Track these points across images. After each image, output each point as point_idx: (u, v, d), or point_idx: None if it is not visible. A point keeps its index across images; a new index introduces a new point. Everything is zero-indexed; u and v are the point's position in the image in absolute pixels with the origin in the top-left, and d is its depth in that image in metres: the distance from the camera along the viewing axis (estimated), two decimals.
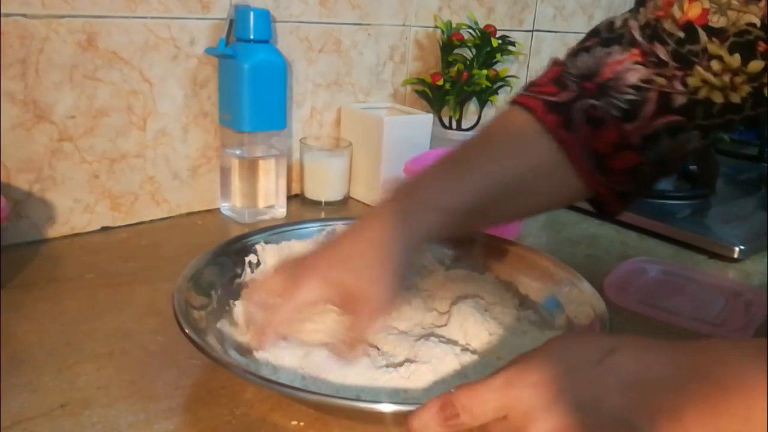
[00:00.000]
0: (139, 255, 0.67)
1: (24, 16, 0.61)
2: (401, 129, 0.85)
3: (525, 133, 0.50)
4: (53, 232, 0.69)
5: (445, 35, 0.94)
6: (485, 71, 0.92)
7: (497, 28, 0.95)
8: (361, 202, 0.88)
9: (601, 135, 0.49)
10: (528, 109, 0.50)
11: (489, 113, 1.11)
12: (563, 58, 0.53)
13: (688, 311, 0.62)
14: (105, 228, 0.72)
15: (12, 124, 0.63)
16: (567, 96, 0.49)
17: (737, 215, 0.89)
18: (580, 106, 0.49)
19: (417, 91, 0.95)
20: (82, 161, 0.69)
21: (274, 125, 0.76)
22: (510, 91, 1.11)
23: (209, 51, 0.74)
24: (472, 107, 0.99)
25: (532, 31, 1.15)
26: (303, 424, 0.43)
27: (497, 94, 0.97)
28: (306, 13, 0.82)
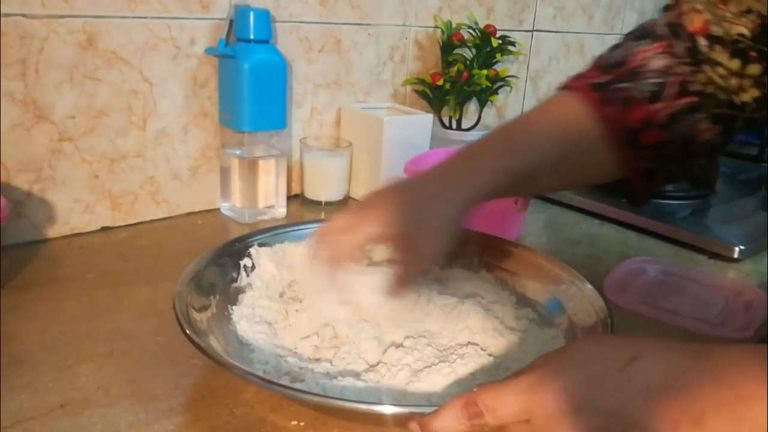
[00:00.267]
0: (139, 255, 0.67)
1: (24, 16, 0.61)
2: (401, 129, 0.85)
3: (569, 111, 0.54)
4: (53, 232, 0.69)
5: (445, 35, 0.94)
6: (485, 71, 0.91)
7: (497, 28, 0.95)
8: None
9: (632, 113, 0.53)
10: (574, 90, 0.55)
11: (489, 113, 1.11)
12: (603, 52, 0.59)
13: (688, 311, 0.62)
14: (105, 228, 0.72)
15: (12, 124, 0.63)
16: (606, 78, 0.54)
17: (737, 215, 0.89)
18: (615, 87, 0.53)
19: (417, 91, 0.95)
20: (82, 161, 0.69)
21: (274, 125, 0.76)
22: (510, 91, 1.11)
23: (209, 51, 0.74)
24: (472, 107, 0.99)
25: (532, 31, 1.15)
26: (303, 424, 0.43)
27: (497, 94, 0.97)
28: (306, 13, 0.82)
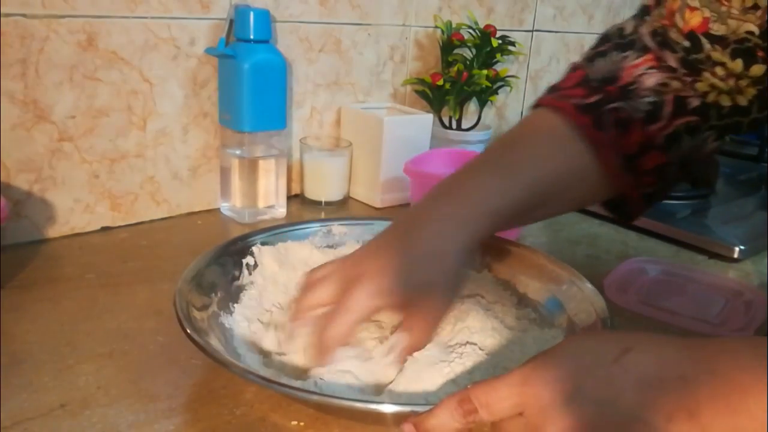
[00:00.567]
0: (139, 255, 0.67)
1: (24, 16, 0.61)
2: (401, 129, 0.85)
3: (559, 135, 0.50)
4: (53, 232, 0.68)
5: (445, 35, 0.94)
6: (485, 71, 0.91)
7: (497, 28, 0.95)
8: (361, 202, 0.88)
9: (629, 136, 0.49)
10: (558, 111, 0.50)
11: (489, 113, 1.11)
12: (580, 62, 0.54)
13: (688, 311, 0.62)
14: (105, 228, 0.72)
15: (12, 124, 0.63)
16: (595, 98, 0.50)
17: (737, 215, 0.89)
18: (607, 108, 0.49)
19: (417, 91, 0.95)
20: (82, 161, 0.69)
21: (274, 125, 0.76)
22: (510, 91, 1.11)
23: (209, 51, 0.74)
24: (472, 107, 0.99)
25: (532, 31, 1.15)
26: (303, 424, 0.43)
27: (497, 94, 0.97)
28: (306, 13, 0.82)
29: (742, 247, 0.75)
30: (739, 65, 0.48)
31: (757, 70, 0.48)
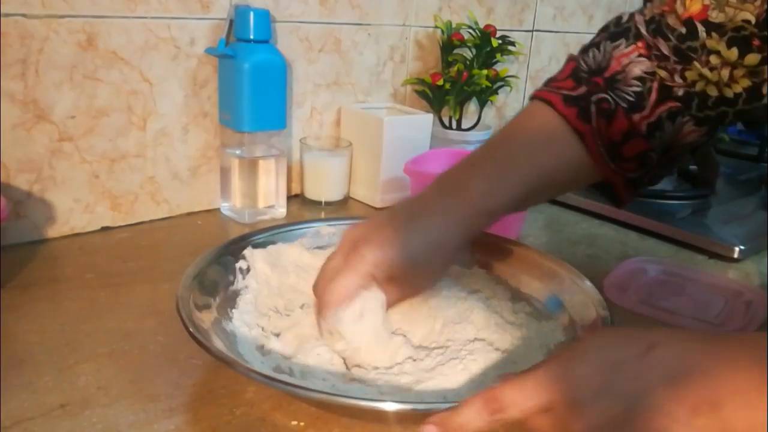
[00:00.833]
0: (139, 255, 0.67)
1: (24, 16, 0.61)
2: (401, 129, 0.85)
3: (551, 129, 0.52)
4: (53, 232, 0.68)
5: (445, 35, 0.94)
6: (485, 71, 0.92)
7: (497, 28, 0.95)
8: (361, 202, 0.88)
9: (613, 125, 0.52)
10: (548, 104, 0.53)
11: (489, 113, 1.12)
12: (576, 53, 0.56)
13: (688, 311, 0.62)
14: (105, 228, 0.72)
15: (12, 124, 0.63)
16: (582, 90, 0.52)
17: (737, 215, 0.89)
18: (593, 99, 0.51)
19: (417, 91, 0.95)
20: (82, 161, 0.69)
21: (274, 125, 0.76)
22: (510, 91, 1.11)
23: (209, 51, 0.74)
24: (472, 107, 0.99)
25: (532, 31, 1.15)
26: (303, 423, 0.43)
27: (497, 94, 0.97)
28: (306, 13, 0.82)
29: (742, 247, 0.75)
30: (734, 54, 0.49)
31: (752, 59, 0.49)
